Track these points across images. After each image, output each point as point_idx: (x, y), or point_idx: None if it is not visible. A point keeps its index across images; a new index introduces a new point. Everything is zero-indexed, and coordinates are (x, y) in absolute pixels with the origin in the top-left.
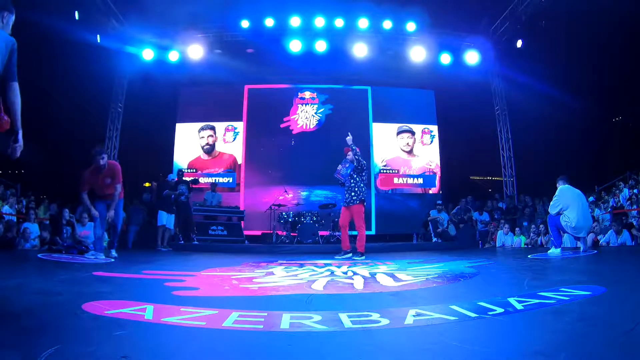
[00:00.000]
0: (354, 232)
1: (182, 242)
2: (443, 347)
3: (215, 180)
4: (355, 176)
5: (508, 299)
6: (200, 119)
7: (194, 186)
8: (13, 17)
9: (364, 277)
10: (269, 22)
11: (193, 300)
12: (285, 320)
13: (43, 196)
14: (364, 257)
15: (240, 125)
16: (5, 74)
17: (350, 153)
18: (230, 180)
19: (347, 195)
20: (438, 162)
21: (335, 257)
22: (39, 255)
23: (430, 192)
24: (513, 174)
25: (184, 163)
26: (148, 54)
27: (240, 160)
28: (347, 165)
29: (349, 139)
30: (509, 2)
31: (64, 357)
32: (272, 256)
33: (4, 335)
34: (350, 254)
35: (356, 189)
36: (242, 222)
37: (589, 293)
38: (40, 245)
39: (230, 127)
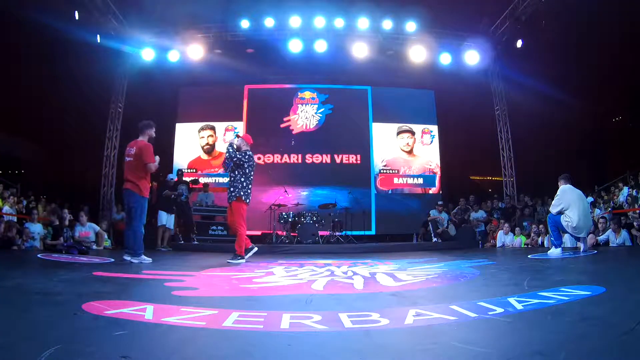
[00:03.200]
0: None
1: (182, 242)
2: (443, 347)
3: (215, 180)
4: (236, 170)
5: (508, 299)
6: (200, 119)
7: (194, 186)
8: None
9: (364, 277)
10: (269, 22)
11: (193, 300)
12: (285, 320)
13: (43, 196)
14: (243, 260)
15: (240, 125)
16: None
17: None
18: None
19: (228, 192)
20: (438, 162)
21: (229, 260)
22: (39, 255)
23: (430, 192)
24: (513, 174)
25: (184, 163)
26: (148, 54)
27: None
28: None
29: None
30: (509, 2)
31: (64, 357)
32: (272, 256)
33: (4, 335)
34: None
35: (235, 184)
36: None
37: (589, 293)
38: (42, 245)
39: (230, 127)
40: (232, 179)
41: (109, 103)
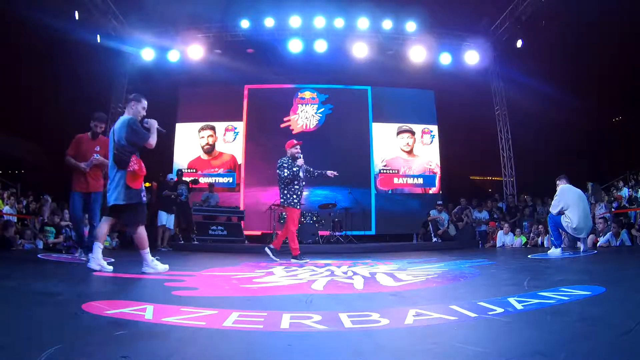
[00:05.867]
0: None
1: (182, 242)
2: (443, 347)
3: (215, 180)
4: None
5: (508, 299)
6: (200, 119)
7: (193, 186)
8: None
9: (364, 277)
10: (269, 22)
11: (193, 300)
12: (285, 320)
13: (42, 196)
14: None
15: (240, 125)
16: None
17: (293, 150)
18: (230, 180)
19: (300, 198)
20: (438, 162)
21: (293, 260)
22: (39, 256)
23: (430, 192)
24: (513, 174)
25: (184, 163)
26: (148, 54)
27: (240, 160)
28: (302, 166)
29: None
30: (509, 2)
31: (64, 357)
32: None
33: (4, 335)
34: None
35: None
36: (242, 222)
37: (589, 293)
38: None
39: (230, 127)
40: (301, 186)
41: (109, 103)
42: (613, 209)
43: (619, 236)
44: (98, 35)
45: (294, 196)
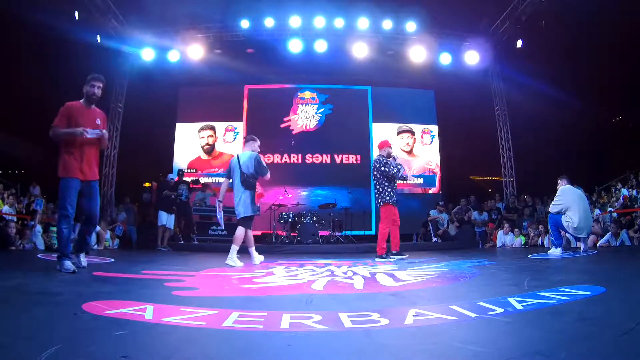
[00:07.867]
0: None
1: (182, 242)
2: (443, 347)
3: (215, 180)
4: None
5: (508, 299)
6: (200, 119)
7: (194, 186)
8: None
9: (364, 277)
10: (269, 22)
11: (193, 300)
12: (285, 320)
13: (43, 196)
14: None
15: (240, 125)
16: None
17: (389, 150)
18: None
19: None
20: (438, 162)
21: (395, 258)
22: (39, 256)
23: (430, 192)
24: (513, 174)
25: (184, 163)
26: (148, 54)
27: None
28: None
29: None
30: (508, 2)
31: (64, 357)
32: (272, 256)
33: (4, 335)
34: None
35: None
36: None
37: (589, 293)
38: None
39: (230, 127)
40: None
41: (109, 103)
42: (610, 210)
43: (618, 236)
44: (98, 35)
45: (393, 192)
